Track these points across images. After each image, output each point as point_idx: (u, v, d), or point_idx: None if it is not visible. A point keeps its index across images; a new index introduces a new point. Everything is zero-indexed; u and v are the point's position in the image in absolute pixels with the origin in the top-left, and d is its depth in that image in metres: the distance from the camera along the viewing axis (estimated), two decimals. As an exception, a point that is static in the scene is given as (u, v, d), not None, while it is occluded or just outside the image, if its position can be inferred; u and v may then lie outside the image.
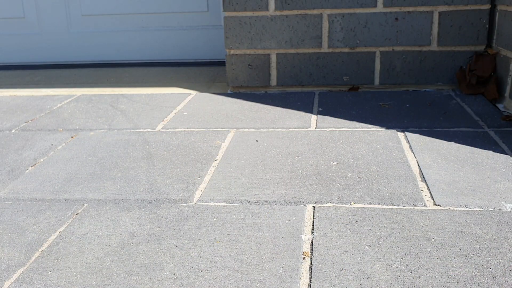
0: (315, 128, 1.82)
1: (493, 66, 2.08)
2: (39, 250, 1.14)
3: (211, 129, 1.84)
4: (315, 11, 2.20)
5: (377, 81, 2.25)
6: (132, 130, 1.87)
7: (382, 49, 2.21)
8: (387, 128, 1.78)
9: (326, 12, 2.19)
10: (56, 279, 1.03)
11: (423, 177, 1.39)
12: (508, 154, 1.52)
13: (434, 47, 2.19)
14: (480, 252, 1.04)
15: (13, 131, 1.93)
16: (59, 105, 2.25)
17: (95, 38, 3.07)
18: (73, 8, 3.04)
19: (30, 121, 2.04)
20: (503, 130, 1.70)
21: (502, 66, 2.01)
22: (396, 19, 2.17)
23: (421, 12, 2.15)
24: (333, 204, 1.26)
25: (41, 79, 2.79)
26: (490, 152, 1.53)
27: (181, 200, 1.33)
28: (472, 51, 2.17)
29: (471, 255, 1.04)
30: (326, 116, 1.93)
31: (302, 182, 1.38)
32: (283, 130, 1.80)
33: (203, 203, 1.31)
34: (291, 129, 1.81)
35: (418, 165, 1.47)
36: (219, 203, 1.30)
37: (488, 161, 1.47)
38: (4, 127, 1.98)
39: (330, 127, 1.81)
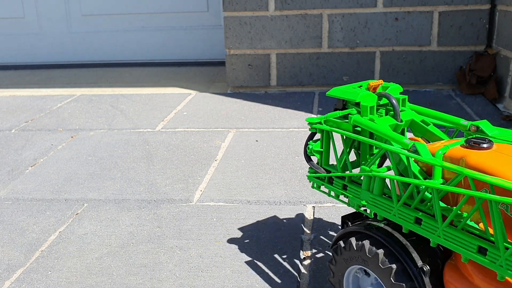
0: (315, 128, 1.82)
1: (493, 66, 2.08)
2: (39, 250, 1.14)
3: (211, 129, 1.84)
4: (315, 11, 2.20)
5: (377, 81, 2.25)
6: (132, 130, 1.87)
7: (382, 49, 2.21)
8: (387, 128, 1.78)
9: (326, 12, 2.19)
10: (56, 279, 1.03)
11: (423, 177, 1.39)
12: (508, 154, 1.52)
13: (434, 47, 2.19)
14: (480, 252, 1.04)
15: (13, 131, 1.93)
16: (59, 105, 2.25)
17: (95, 38, 3.07)
18: (73, 8, 3.04)
19: (30, 121, 2.04)
20: (503, 130, 1.70)
21: (502, 66, 2.01)
22: (396, 19, 2.17)
23: (421, 12, 2.15)
24: (333, 204, 1.26)
25: (41, 79, 2.79)
26: (490, 152, 1.53)
27: (181, 200, 1.33)
28: (472, 51, 2.17)
29: (471, 255, 1.04)
30: (326, 116, 1.93)
31: (302, 182, 1.38)
32: (283, 130, 1.80)
33: (203, 203, 1.31)
34: (291, 129, 1.81)
35: (418, 165, 1.46)
36: (219, 203, 1.30)
37: (488, 161, 1.47)
38: (4, 127, 1.98)
39: (330, 127, 1.81)
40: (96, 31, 3.06)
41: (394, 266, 0.70)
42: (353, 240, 0.75)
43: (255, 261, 1.05)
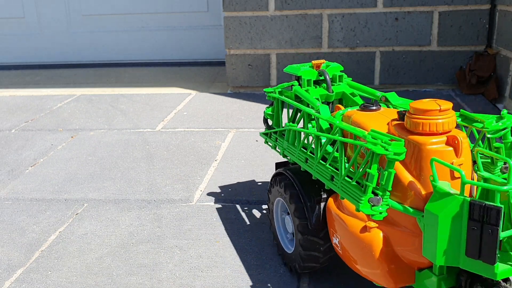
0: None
1: (493, 66, 2.08)
2: (39, 250, 1.14)
3: (211, 129, 1.84)
4: (315, 11, 2.20)
5: (377, 81, 2.25)
6: (132, 130, 1.87)
7: (382, 49, 2.21)
8: (387, 128, 1.78)
9: (326, 12, 2.19)
10: (56, 279, 1.03)
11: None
12: (508, 154, 1.52)
13: (434, 47, 2.19)
14: (480, 252, 1.04)
15: (13, 131, 1.93)
16: (59, 105, 2.25)
17: (95, 38, 3.07)
18: (73, 8, 3.04)
19: (30, 121, 2.04)
20: (503, 130, 1.70)
21: (502, 66, 2.01)
22: (396, 19, 2.17)
23: (421, 12, 2.15)
24: (333, 204, 1.26)
25: (41, 79, 2.79)
26: (490, 152, 1.53)
27: (181, 200, 1.33)
28: (472, 51, 2.17)
29: (471, 255, 1.04)
30: (326, 116, 1.93)
31: (302, 182, 1.38)
32: (283, 130, 1.80)
33: (203, 203, 1.31)
34: (291, 129, 1.81)
35: (418, 165, 1.46)
36: (219, 203, 1.30)
37: (488, 161, 1.47)
38: (4, 127, 1.98)
39: (330, 127, 1.81)
40: (96, 31, 3.06)
41: (293, 191, 0.94)
42: (279, 179, 1.00)
43: (255, 261, 1.05)
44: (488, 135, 0.78)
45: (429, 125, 0.72)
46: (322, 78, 1.03)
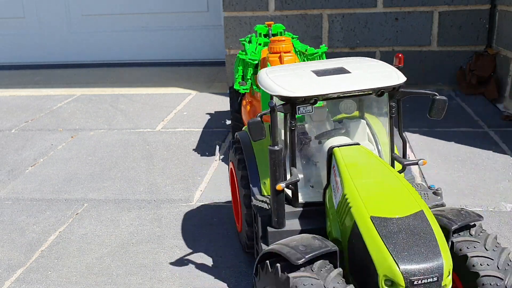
0: (315, 128, 1.81)
1: (493, 66, 2.08)
2: (39, 250, 1.14)
3: (211, 129, 1.84)
4: (315, 11, 2.20)
5: (377, 81, 2.25)
6: (132, 130, 1.87)
7: (382, 49, 2.21)
8: (387, 128, 1.78)
9: (326, 12, 2.19)
10: (56, 279, 1.03)
11: (423, 177, 1.39)
12: (508, 154, 1.52)
13: (434, 47, 2.19)
14: (480, 252, 1.04)
15: (13, 131, 1.93)
16: (59, 105, 2.25)
17: (95, 38, 3.06)
18: (73, 8, 3.04)
19: (30, 121, 2.04)
20: (503, 130, 1.70)
21: (502, 66, 2.01)
22: (396, 19, 2.17)
23: (421, 12, 2.15)
24: (333, 204, 1.26)
25: (41, 79, 2.79)
26: (490, 152, 1.53)
27: (181, 200, 1.33)
28: (472, 51, 2.17)
29: (471, 255, 1.03)
30: (326, 116, 1.93)
31: (302, 182, 1.38)
32: (283, 130, 1.80)
33: (203, 203, 1.31)
34: (291, 129, 1.80)
35: (418, 165, 1.46)
36: (219, 203, 1.30)
37: (488, 161, 1.47)
38: (4, 127, 1.98)
39: (330, 127, 1.81)
40: (96, 31, 3.05)
41: (232, 96, 1.66)
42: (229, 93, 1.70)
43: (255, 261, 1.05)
44: (309, 57, 1.35)
45: (272, 49, 1.29)
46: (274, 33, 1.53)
